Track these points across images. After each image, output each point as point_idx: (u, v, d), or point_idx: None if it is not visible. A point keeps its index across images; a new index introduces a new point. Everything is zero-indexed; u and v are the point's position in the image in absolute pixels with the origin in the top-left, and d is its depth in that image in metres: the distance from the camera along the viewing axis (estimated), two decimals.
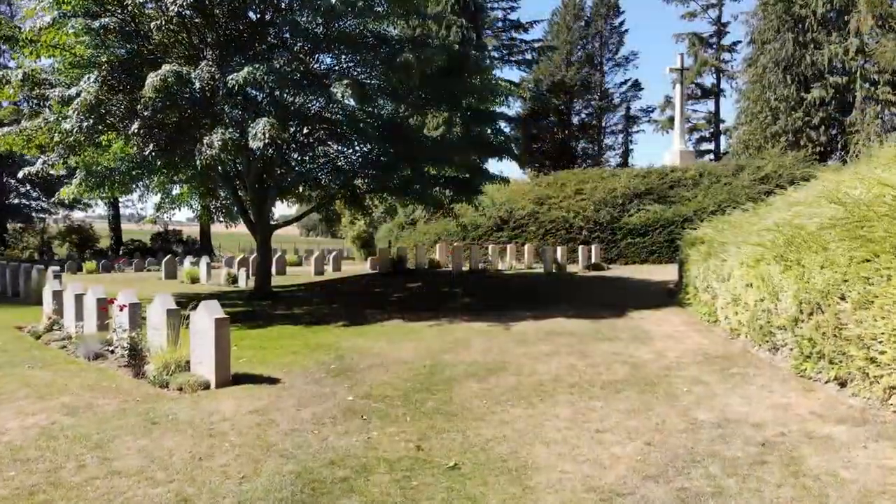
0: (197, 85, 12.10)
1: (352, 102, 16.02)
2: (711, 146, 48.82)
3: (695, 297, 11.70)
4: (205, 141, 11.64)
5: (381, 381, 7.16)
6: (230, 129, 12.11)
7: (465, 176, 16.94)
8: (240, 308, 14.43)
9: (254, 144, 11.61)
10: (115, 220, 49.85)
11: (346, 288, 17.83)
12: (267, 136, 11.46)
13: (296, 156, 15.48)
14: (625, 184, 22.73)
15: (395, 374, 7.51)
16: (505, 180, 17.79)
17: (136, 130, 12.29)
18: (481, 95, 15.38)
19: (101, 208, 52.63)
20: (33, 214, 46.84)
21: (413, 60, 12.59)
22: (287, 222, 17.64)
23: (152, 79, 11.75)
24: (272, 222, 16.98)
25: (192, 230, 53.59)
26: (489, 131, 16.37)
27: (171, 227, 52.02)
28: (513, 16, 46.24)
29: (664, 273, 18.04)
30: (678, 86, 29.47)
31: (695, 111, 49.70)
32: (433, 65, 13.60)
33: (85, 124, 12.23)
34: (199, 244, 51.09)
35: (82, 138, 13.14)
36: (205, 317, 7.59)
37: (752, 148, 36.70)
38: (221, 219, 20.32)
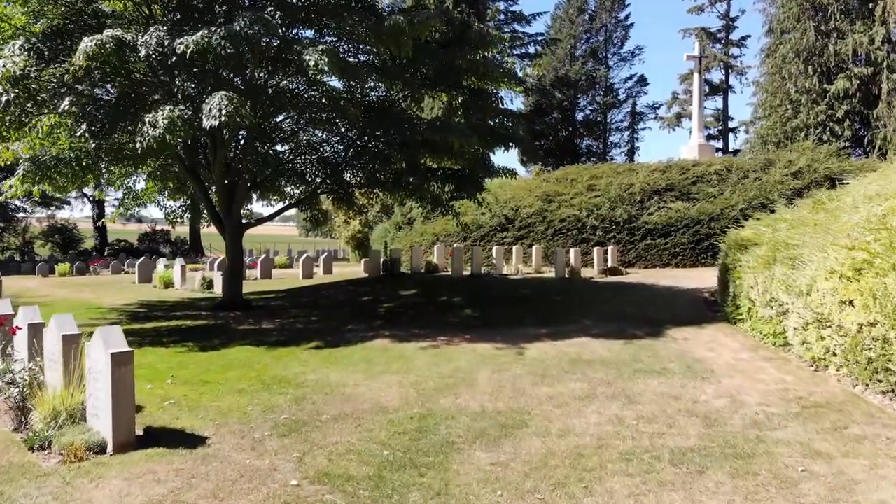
0: (142, 53, 9.94)
1: (336, 84, 13.88)
2: (720, 144, 46.69)
3: (749, 312, 9.49)
4: (147, 119, 9.44)
5: (346, 447, 4.96)
6: (181, 106, 9.92)
7: (466, 172, 14.74)
8: (201, 321, 12.24)
9: (207, 123, 9.40)
10: (99, 219, 47.65)
11: (331, 295, 15.63)
12: (224, 113, 9.26)
13: (269, 144, 13.28)
14: (643, 179, 20.51)
15: (368, 432, 5.30)
16: (511, 172, 15.59)
17: (66, 108, 10.10)
18: (486, 72, 13.17)
19: (88, 208, 50.57)
20: (10, 213, 44.59)
21: (405, 25, 10.39)
22: (259, 220, 15.41)
23: (86, 44, 9.59)
24: (245, 221, 14.77)
25: (182, 230, 51.32)
26: (494, 118, 14.13)
27: (158, 227, 49.93)
28: (515, 8, 43.97)
29: (693, 279, 15.84)
30: (696, 74, 27.26)
31: (702, 108, 47.49)
32: (428, 33, 11.42)
33: (5, 98, 10.06)
34: (188, 244, 48.95)
35: (8, 119, 10.99)
36: (100, 351, 5.41)
37: (770, 143, 34.49)
38: (191, 217, 18.11)
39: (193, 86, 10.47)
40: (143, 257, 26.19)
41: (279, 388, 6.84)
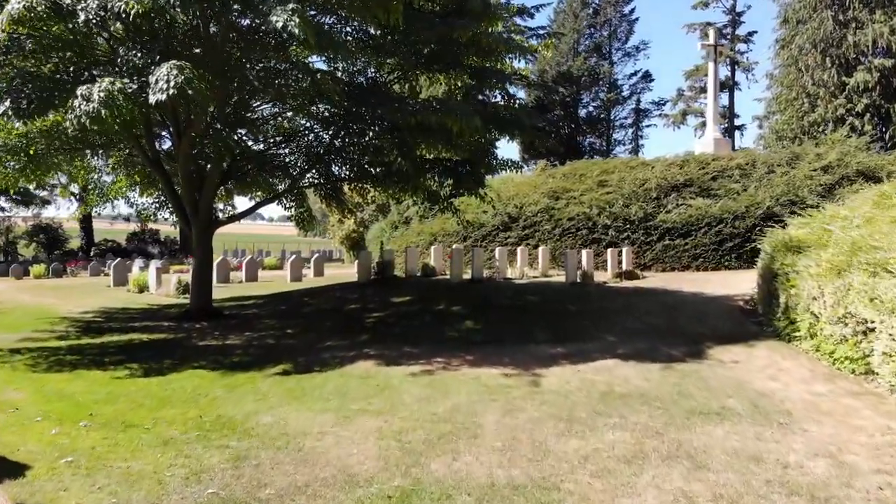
0: (82, 18, 8.28)
1: (322, 66, 12.24)
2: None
3: (812, 329, 7.81)
4: (79, 92, 7.76)
5: None
6: (126, 80, 8.25)
7: (466, 167, 13.07)
8: (159, 334, 10.54)
9: (153, 98, 7.75)
10: (86, 219, 45.99)
11: (315, 303, 13.93)
12: (172, 85, 7.60)
13: (240, 129, 11.61)
14: (659, 174, 18.83)
15: None
16: (517, 164, 13.96)
17: None
18: (490, 48, 11.48)
19: (75, 207, 48.87)
20: None
21: None
22: (231, 218, 13.69)
23: (12, 5, 7.94)
24: (217, 218, 13.06)
25: (173, 229, 49.56)
26: (500, 111, 12.44)
27: (148, 226, 48.26)
28: (516, 0, 42.14)
29: (719, 283, 14.16)
30: (711, 64, 25.59)
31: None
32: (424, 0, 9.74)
33: None
34: (178, 244, 47.29)
35: None
36: None
37: (786, 139, 32.83)
38: (166, 215, 16.38)
39: (140, 56, 8.77)
40: (118, 259, 24.57)
41: (220, 436, 5.16)
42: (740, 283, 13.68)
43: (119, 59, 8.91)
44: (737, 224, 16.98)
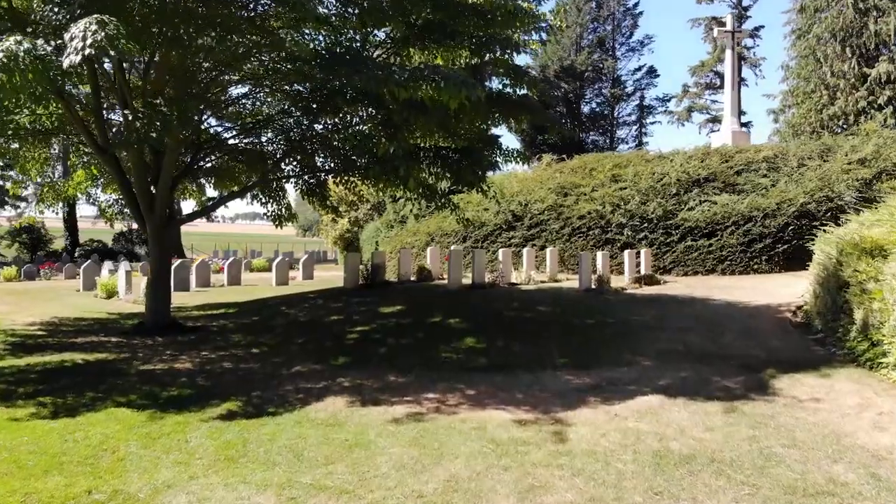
0: None
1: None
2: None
3: None
4: None
5: None
6: (40, 40, 6.52)
7: (465, 161, 11.34)
8: (99, 354, 8.79)
9: (67, 61, 6.05)
10: (70, 218, 44.26)
11: (293, 313, 12.19)
12: (90, 42, 5.91)
13: (207, 115, 9.88)
14: (679, 168, 17.08)
15: None
16: (523, 157, 12.27)
17: None
18: (493, 15, 9.77)
19: (59, 206, 47.08)
20: None
21: None
22: (191, 216, 11.89)
23: None
24: (179, 215, 11.34)
25: None
26: (504, 77, 10.81)
27: (135, 226, 46.53)
28: None
29: (752, 290, 12.44)
30: (729, 51, 23.83)
31: (714, 101, 44.23)
32: None
33: None
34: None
35: None
36: None
37: (804, 133, 31.14)
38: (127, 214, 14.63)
39: (58, 10, 7.04)
40: (89, 261, 22.85)
41: None
42: (778, 291, 12.00)
43: (34, 16, 7.18)
44: (767, 223, 15.24)
